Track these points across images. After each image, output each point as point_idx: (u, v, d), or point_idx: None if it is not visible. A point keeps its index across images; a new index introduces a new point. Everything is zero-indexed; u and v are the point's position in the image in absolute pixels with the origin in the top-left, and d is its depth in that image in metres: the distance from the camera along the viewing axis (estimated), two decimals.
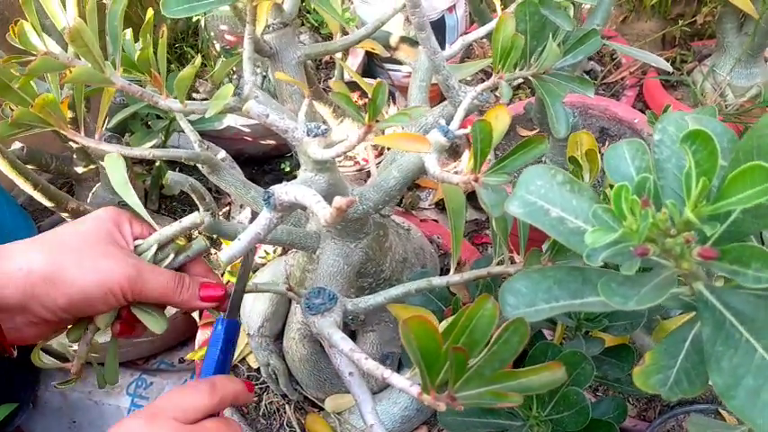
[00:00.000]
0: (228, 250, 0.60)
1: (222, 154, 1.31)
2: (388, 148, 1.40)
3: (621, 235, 0.39)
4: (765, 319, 0.39)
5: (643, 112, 1.38)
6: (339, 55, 1.32)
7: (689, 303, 0.46)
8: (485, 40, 1.52)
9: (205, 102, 0.70)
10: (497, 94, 0.76)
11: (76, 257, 0.58)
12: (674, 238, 0.38)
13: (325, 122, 1.14)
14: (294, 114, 0.82)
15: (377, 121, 0.54)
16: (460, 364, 0.43)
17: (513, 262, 0.69)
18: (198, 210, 0.76)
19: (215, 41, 1.58)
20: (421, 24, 0.65)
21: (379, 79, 0.54)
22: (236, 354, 1.14)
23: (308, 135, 0.63)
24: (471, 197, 1.19)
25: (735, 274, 0.38)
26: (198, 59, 0.68)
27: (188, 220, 0.68)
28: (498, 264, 0.69)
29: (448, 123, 0.66)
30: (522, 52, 0.71)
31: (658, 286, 0.40)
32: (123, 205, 0.74)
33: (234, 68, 1.56)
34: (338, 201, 0.46)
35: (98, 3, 0.69)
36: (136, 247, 0.65)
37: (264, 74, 1.54)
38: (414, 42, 1.51)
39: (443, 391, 0.45)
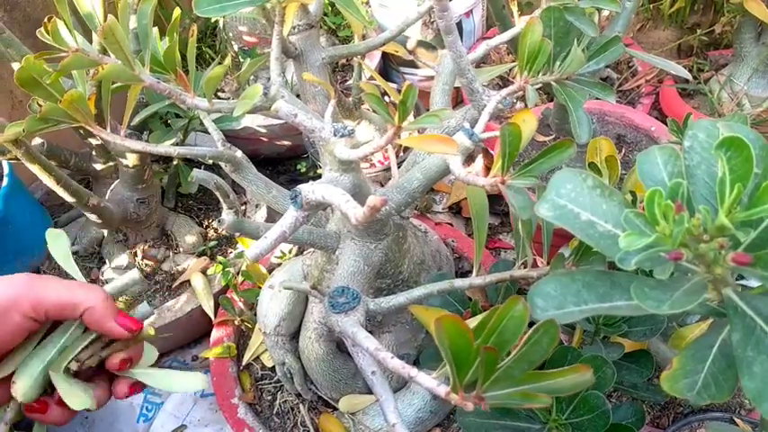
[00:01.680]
0: (255, 248, 0.60)
1: (239, 154, 1.32)
2: (405, 150, 1.41)
3: (655, 239, 0.39)
4: None
5: (660, 120, 1.38)
6: (357, 58, 1.33)
7: (716, 309, 0.46)
8: (500, 45, 1.53)
9: (231, 101, 0.71)
10: (514, 99, 0.77)
11: None
12: (707, 243, 0.39)
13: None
14: (318, 115, 0.82)
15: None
16: (491, 363, 0.43)
17: (535, 266, 0.69)
18: (220, 208, 0.77)
19: (233, 42, 1.59)
20: (448, 28, 0.65)
21: (408, 81, 0.55)
22: (247, 356, 1.15)
23: (335, 135, 0.64)
24: None
25: (767, 279, 0.38)
26: (228, 59, 0.69)
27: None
28: (521, 267, 0.69)
29: (471, 127, 0.67)
30: (547, 57, 0.72)
31: (690, 291, 0.40)
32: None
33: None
34: (372, 199, 0.46)
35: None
36: None
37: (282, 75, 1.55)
38: (430, 46, 1.51)
39: (471, 390, 0.46)
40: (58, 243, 0.68)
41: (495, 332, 0.45)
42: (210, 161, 0.83)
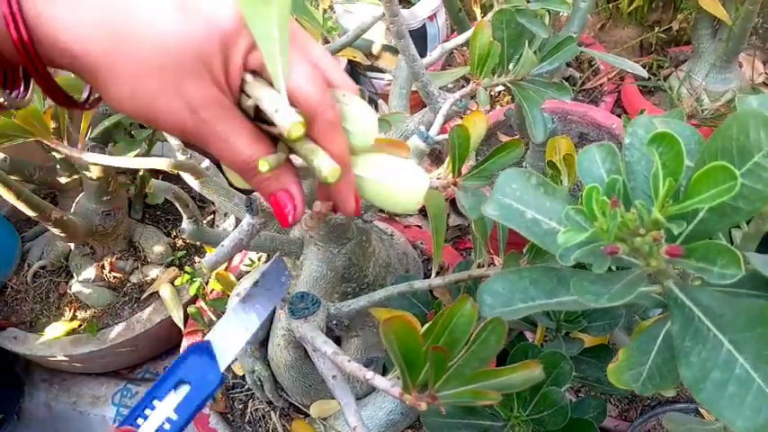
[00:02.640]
0: (212, 256, 0.61)
1: (206, 163, 1.32)
2: None
3: (592, 235, 0.40)
4: (732, 314, 0.40)
5: (621, 118, 1.40)
6: None
7: (660, 301, 0.47)
8: (465, 48, 1.54)
9: None
10: (477, 101, 0.78)
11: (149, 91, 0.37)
12: (642, 237, 0.40)
13: None
14: None
15: None
16: (440, 363, 0.44)
17: (493, 265, 0.70)
18: (181, 218, 0.77)
19: None
20: (400, 33, 0.66)
21: (358, 86, 0.55)
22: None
23: None
24: (455, 202, 1.20)
25: (701, 271, 0.39)
26: None
27: None
28: (479, 267, 0.70)
29: (428, 129, 0.67)
30: (500, 59, 0.73)
31: (629, 284, 0.41)
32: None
33: None
34: (317, 205, 0.47)
35: None
36: (243, 90, 0.40)
37: None
38: (396, 51, 1.52)
39: (425, 390, 0.46)
40: None
41: (446, 331, 0.46)
42: (175, 171, 0.82)
